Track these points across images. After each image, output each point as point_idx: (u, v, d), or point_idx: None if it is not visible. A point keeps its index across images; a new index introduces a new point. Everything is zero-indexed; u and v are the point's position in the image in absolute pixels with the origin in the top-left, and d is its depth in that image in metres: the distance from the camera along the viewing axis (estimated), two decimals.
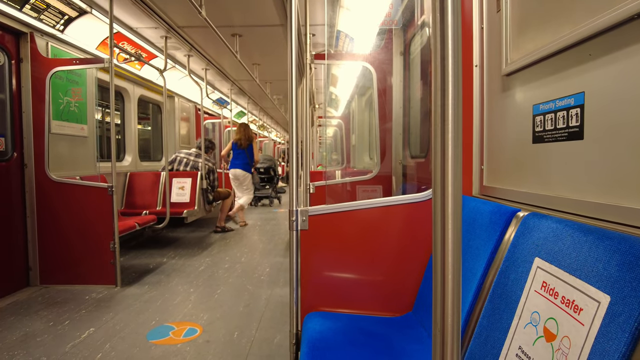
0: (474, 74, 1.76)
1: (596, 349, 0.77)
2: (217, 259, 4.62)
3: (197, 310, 3.05)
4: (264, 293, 3.45)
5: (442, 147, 0.54)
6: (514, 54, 1.47)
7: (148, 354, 2.36)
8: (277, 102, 9.05)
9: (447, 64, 0.54)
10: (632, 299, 0.73)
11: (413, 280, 1.82)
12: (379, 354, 1.47)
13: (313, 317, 1.74)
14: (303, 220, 1.77)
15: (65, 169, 3.98)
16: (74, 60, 3.75)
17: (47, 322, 2.82)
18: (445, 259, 0.54)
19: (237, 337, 2.59)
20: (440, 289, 0.55)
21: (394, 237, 1.85)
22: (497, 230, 1.30)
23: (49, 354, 2.36)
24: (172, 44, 4.80)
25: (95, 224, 3.59)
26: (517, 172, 1.48)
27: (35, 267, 3.61)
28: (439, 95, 0.54)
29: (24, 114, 3.58)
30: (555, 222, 1.05)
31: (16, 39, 3.56)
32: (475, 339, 1.21)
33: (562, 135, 1.17)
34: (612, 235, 0.86)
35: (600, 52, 1.03)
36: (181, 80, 6.69)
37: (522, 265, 1.11)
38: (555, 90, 1.21)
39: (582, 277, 0.88)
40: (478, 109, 1.75)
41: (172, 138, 7.18)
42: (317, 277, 1.85)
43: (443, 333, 0.55)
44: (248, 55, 5.20)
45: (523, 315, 1.04)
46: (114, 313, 2.98)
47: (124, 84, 5.55)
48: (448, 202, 0.54)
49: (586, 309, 0.83)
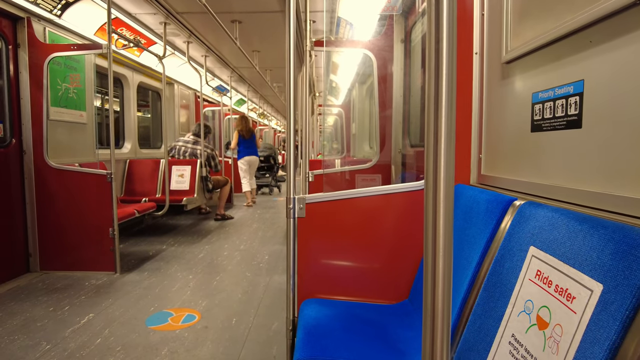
0: (474, 62, 1.74)
1: (587, 337, 0.77)
2: (217, 247, 4.64)
3: (196, 297, 3.07)
4: (263, 280, 3.47)
5: (435, 136, 0.53)
6: (515, 41, 1.45)
7: (147, 340, 2.39)
8: (277, 90, 9.01)
9: (441, 51, 0.53)
10: (624, 287, 0.73)
11: (409, 268, 1.83)
12: (375, 340, 1.48)
13: (309, 304, 1.75)
14: (300, 208, 1.77)
15: (64, 156, 3.98)
16: (72, 45, 3.72)
17: (47, 307, 2.85)
18: (436, 249, 0.54)
19: (235, 324, 2.62)
20: (431, 278, 0.55)
21: (391, 225, 1.85)
22: (493, 219, 1.30)
23: (49, 339, 2.38)
24: (171, 30, 4.76)
25: (94, 211, 3.60)
26: (515, 160, 1.47)
27: (35, 254, 3.63)
28: (432, 84, 0.53)
29: (22, 100, 3.56)
30: (551, 211, 1.05)
31: (13, 23, 3.52)
32: (469, 327, 1.22)
33: (561, 124, 1.17)
34: (606, 224, 0.85)
35: (600, 39, 1.01)
36: (180, 67, 6.64)
37: (518, 253, 1.11)
38: (554, 78, 1.20)
39: (576, 266, 0.88)
40: (477, 97, 1.73)
41: (171, 125, 7.16)
42: (314, 264, 1.86)
43: (433, 322, 0.55)
44: (248, 42, 5.16)
45: (517, 303, 1.05)
46: (113, 299, 3.00)
47: (123, 70, 5.51)
48: (440, 191, 0.53)
49: (579, 298, 0.84)
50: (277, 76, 7.65)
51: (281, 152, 14.38)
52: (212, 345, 2.33)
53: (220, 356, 2.22)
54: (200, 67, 6.28)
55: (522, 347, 0.97)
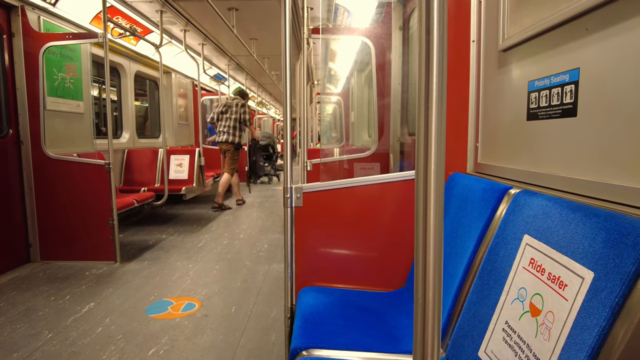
0: (471, 50, 1.73)
1: (577, 323, 0.78)
2: (216, 236, 4.66)
3: (196, 286, 3.10)
4: (262, 269, 3.50)
5: (425, 125, 0.53)
6: (512, 28, 1.44)
7: (147, 328, 2.42)
8: (275, 78, 8.95)
9: (432, 39, 0.53)
10: (614, 275, 0.74)
11: (406, 256, 1.84)
12: (372, 327, 1.50)
13: (307, 292, 1.77)
14: (297, 197, 1.77)
15: (62, 146, 3.97)
16: (67, 35, 3.69)
17: (48, 296, 2.87)
18: (427, 238, 0.55)
19: (235, 312, 2.65)
20: (422, 267, 0.55)
21: (388, 214, 1.86)
22: (488, 207, 1.31)
23: (50, 327, 2.41)
24: (167, 19, 4.71)
25: (93, 201, 3.61)
26: (511, 149, 1.47)
27: (36, 244, 3.65)
28: (423, 72, 0.53)
29: (18, 90, 3.54)
30: (546, 200, 1.05)
31: (7, 12, 3.48)
32: (464, 314, 1.24)
33: (556, 113, 1.16)
34: (599, 213, 0.86)
35: (596, 27, 1.01)
36: (178, 56, 6.59)
37: (512, 242, 1.12)
38: (550, 66, 1.19)
39: (568, 254, 0.89)
40: (474, 86, 1.73)
41: (169, 114, 7.13)
42: (312, 252, 1.87)
43: (424, 310, 0.56)
44: (245, 29, 5.11)
45: (511, 291, 1.06)
46: (113, 288, 3.03)
47: (119, 59, 5.47)
48: (430, 180, 0.54)
49: (570, 285, 0.85)
50: (275, 64, 7.60)
51: (280, 141, 14.33)
52: (212, 333, 2.36)
53: (220, 344, 2.25)
54: (197, 55, 6.23)
55: (515, 334, 0.98)
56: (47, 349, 2.18)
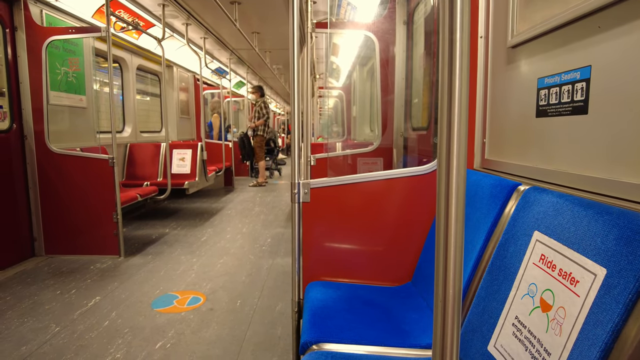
0: (479, 46, 1.73)
1: (590, 319, 0.80)
2: (219, 230, 4.68)
3: (200, 280, 3.11)
4: (266, 263, 3.52)
5: (448, 121, 0.54)
6: (521, 25, 1.44)
7: (153, 322, 2.44)
8: (276, 72, 8.92)
9: (455, 38, 0.53)
10: (627, 272, 0.75)
11: (413, 251, 1.85)
12: (380, 321, 1.51)
13: (314, 286, 1.79)
14: (305, 192, 1.78)
15: (66, 141, 3.97)
16: (70, 29, 3.67)
17: (54, 290, 2.89)
18: (448, 232, 0.55)
19: (240, 305, 2.67)
20: (443, 261, 0.56)
21: (395, 209, 1.87)
22: (497, 203, 1.32)
23: (58, 321, 2.43)
24: (169, 12, 4.68)
25: (97, 195, 3.61)
26: (519, 145, 1.48)
27: (40, 238, 3.66)
28: (446, 69, 0.53)
29: (21, 85, 3.53)
30: (556, 197, 1.06)
31: (9, 6, 3.47)
32: (473, 309, 1.25)
33: (566, 110, 1.17)
34: (611, 210, 0.87)
35: (609, 25, 1.01)
36: (179, 50, 6.56)
37: (522, 238, 1.13)
38: (561, 63, 1.20)
39: (579, 251, 0.90)
40: (482, 82, 1.73)
41: (171, 108, 7.12)
42: (319, 247, 1.88)
43: (444, 303, 0.57)
44: (247, 23, 5.08)
45: (520, 286, 1.07)
46: (118, 282, 3.05)
47: (121, 53, 5.45)
48: (452, 175, 0.54)
49: (582, 281, 0.86)
50: (276, 58, 7.56)
51: (281, 135, 14.30)
52: (217, 327, 2.38)
53: (226, 337, 2.27)
54: (199, 49, 6.21)
55: (526, 329, 1.00)
56: (55, 342, 2.20)
